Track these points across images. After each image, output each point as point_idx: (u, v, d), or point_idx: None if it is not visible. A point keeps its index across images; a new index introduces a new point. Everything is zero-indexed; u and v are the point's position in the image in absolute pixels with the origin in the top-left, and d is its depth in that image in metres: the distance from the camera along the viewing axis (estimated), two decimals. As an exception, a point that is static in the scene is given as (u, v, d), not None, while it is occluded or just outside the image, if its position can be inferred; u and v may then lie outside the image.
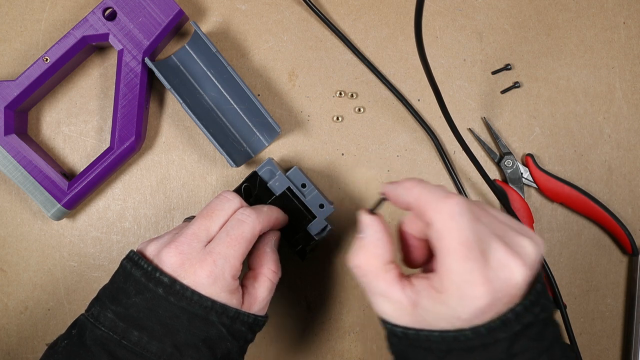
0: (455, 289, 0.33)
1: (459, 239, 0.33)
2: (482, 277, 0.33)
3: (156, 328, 0.40)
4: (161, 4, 0.51)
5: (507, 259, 0.33)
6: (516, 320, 0.34)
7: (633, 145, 0.57)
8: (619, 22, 0.57)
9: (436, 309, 0.34)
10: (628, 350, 0.56)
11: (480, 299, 0.33)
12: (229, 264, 0.41)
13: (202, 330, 0.40)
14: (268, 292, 0.45)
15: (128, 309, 0.40)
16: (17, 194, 0.55)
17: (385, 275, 0.36)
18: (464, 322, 0.34)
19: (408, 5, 0.56)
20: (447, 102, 0.52)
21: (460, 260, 0.33)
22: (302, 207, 0.50)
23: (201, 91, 0.54)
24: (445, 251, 0.33)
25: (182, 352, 0.40)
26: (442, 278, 0.34)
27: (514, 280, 0.33)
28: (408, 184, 0.36)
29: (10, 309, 0.55)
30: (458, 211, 0.33)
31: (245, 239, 0.42)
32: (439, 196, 0.34)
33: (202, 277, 0.41)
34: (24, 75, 0.50)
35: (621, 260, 0.57)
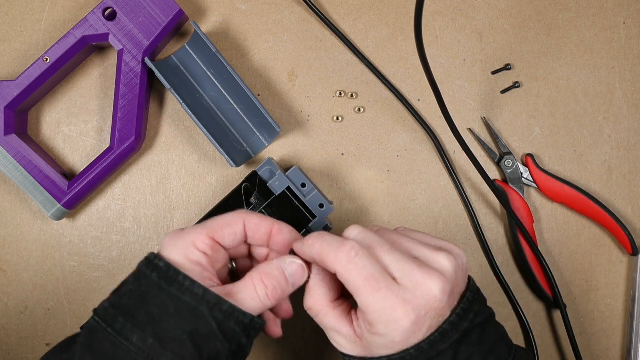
0: (379, 319, 0.36)
1: (362, 276, 0.36)
2: (398, 300, 0.36)
3: (141, 316, 0.36)
4: (161, 4, 0.51)
5: (421, 277, 0.37)
6: (453, 329, 0.37)
7: (633, 145, 0.57)
8: (619, 22, 0.57)
9: (374, 340, 0.37)
10: (628, 350, 0.56)
11: (404, 320, 0.36)
12: (194, 230, 0.39)
13: (189, 322, 0.36)
14: (250, 299, 0.39)
15: (122, 297, 0.38)
16: (17, 194, 0.55)
17: (334, 312, 0.40)
18: (400, 343, 0.37)
19: (408, 5, 0.56)
20: (447, 102, 0.52)
21: (372, 293, 0.36)
22: (302, 207, 0.50)
23: (201, 91, 0.54)
24: (356, 291, 0.37)
25: (164, 345, 0.36)
26: (366, 313, 0.37)
27: (431, 294, 0.36)
28: (310, 241, 0.39)
29: (10, 309, 0.55)
30: (354, 254, 0.36)
31: (222, 218, 0.40)
32: (335, 247, 0.37)
33: (165, 239, 0.39)
34: (24, 75, 0.50)
35: (621, 260, 0.57)
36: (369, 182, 0.56)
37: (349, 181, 0.56)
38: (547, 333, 0.57)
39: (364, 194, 0.56)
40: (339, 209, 0.56)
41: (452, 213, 0.56)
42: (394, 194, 0.56)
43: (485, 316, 0.40)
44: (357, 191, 0.56)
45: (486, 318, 0.40)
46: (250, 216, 0.41)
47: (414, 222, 0.56)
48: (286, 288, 0.40)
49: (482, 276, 0.56)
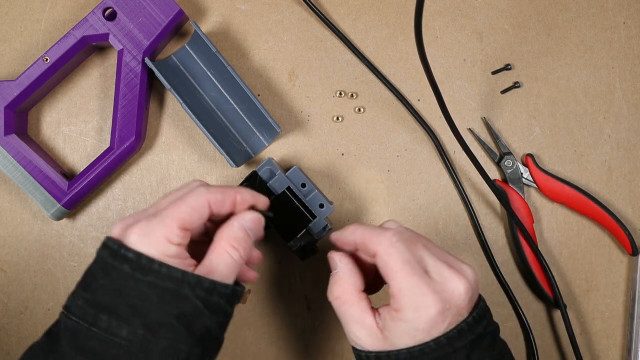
0: (409, 303, 0.39)
1: (401, 259, 0.39)
2: (428, 289, 0.39)
3: (124, 310, 0.36)
4: (161, 4, 0.51)
5: (449, 273, 0.40)
6: (469, 330, 0.39)
7: (633, 145, 0.57)
8: (619, 22, 0.57)
9: (398, 327, 0.39)
10: (628, 350, 0.56)
11: (432, 307, 0.38)
12: (162, 223, 0.38)
13: (175, 307, 0.37)
14: (226, 266, 0.40)
15: (96, 293, 0.37)
16: (17, 194, 0.55)
17: (360, 303, 0.41)
18: (423, 332, 0.39)
19: (408, 5, 0.56)
20: (447, 102, 0.52)
21: (407, 276, 0.39)
22: (302, 207, 0.50)
23: (201, 91, 0.54)
24: (392, 273, 0.39)
25: (155, 333, 0.36)
26: (396, 297, 0.39)
27: (457, 291, 0.39)
28: (352, 228, 0.43)
29: (10, 309, 0.55)
30: (395, 240, 0.40)
31: (186, 203, 0.39)
32: (378, 232, 0.41)
33: (132, 235, 0.38)
34: (24, 75, 0.50)
35: (621, 260, 0.57)
36: (369, 182, 0.56)
37: (349, 181, 0.56)
38: (547, 333, 0.57)
39: (364, 194, 0.56)
40: (339, 209, 0.56)
41: (452, 213, 0.56)
42: (394, 194, 0.56)
43: (494, 326, 0.42)
44: (357, 191, 0.56)
45: (496, 328, 0.43)
46: (213, 194, 0.41)
47: (414, 222, 0.56)
48: (250, 242, 0.42)
49: (482, 276, 0.56)
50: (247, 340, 0.55)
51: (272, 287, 0.56)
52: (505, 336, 0.56)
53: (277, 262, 0.56)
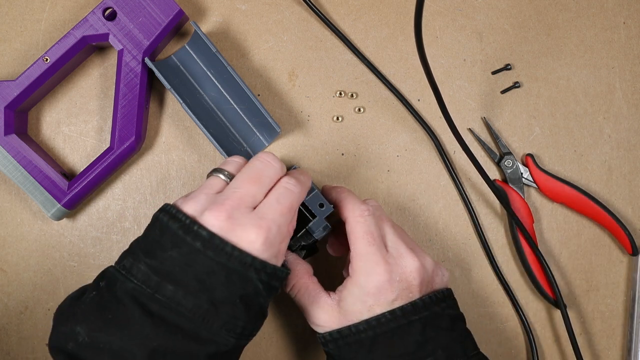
0: (362, 267, 0.44)
1: (365, 230, 0.44)
2: (382, 259, 0.44)
3: (192, 283, 0.38)
4: (161, 4, 0.51)
5: (404, 251, 0.45)
6: (424, 307, 0.44)
7: (633, 145, 0.57)
8: (619, 22, 0.57)
9: (351, 291, 0.44)
10: (628, 350, 0.56)
11: (381, 275, 0.43)
12: (281, 232, 0.41)
13: (240, 288, 0.39)
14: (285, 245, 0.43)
15: (163, 262, 0.39)
16: (17, 194, 0.55)
17: (314, 286, 0.46)
18: (373, 297, 0.43)
19: (408, 5, 0.56)
20: (447, 102, 0.52)
21: (365, 245, 0.44)
22: (301, 207, 0.50)
23: (201, 91, 0.54)
24: (354, 240, 0.45)
25: (218, 309, 0.39)
26: (353, 262, 0.44)
27: (408, 267, 0.44)
28: (339, 189, 0.49)
29: (10, 309, 0.55)
30: (367, 214, 0.45)
31: (294, 209, 0.43)
32: (355, 202, 0.46)
33: (258, 244, 0.40)
34: (24, 75, 0.50)
35: (621, 260, 0.57)
36: (369, 182, 0.56)
37: (349, 181, 0.56)
38: (547, 333, 0.57)
39: (364, 194, 0.56)
40: (339, 209, 0.56)
41: (452, 213, 0.56)
42: (394, 194, 0.56)
43: (456, 312, 0.47)
44: (357, 191, 0.56)
45: (457, 314, 0.47)
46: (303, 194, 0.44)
47: (414, 222, 0.56)
48: None
49: (482, 276, 0.56)
50: (247, 340, 0.55)
51: (272, 287, 0.56)
52: (506, 336, 0.56)
53: (277, 262, 0.56)
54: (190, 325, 0.38)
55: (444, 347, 0.44)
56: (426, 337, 0.43)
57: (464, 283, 0.56)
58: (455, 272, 0.56)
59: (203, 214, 0.40)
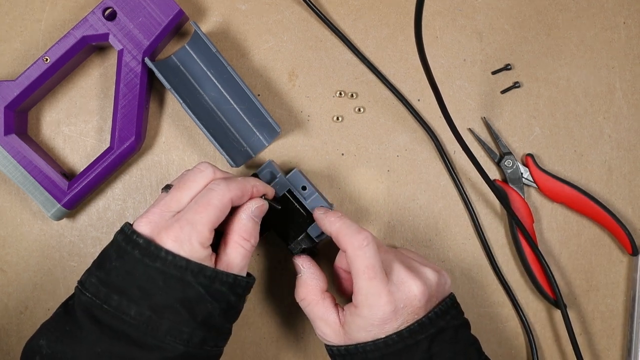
0: (365, 302, 0.43)
1: (365, 263, 0.44)
2: (384, 290, 0.43)
3: (134, 291, 0.40)
4: (161, 4, 0.51)
5: (406, 277, 0.44)
6: (431, 324, 0.44)
7: (633, 145, 0.57)
8: (619, 22, 0.57)
9: (355, 322, 0.44)
10: (628, 350, 0.56)
11: (385, 307, 0.43)
12: (196, 230, 0.41)
13: (179, 291, 0.40)
14: (241, 258, 0.43)
15: (109, 273, 0.41)
16: (17, 194, 0.55)
17: (324, 302, 0.47)
18: (377, 328, 0.43)
19: (408, 5, 0.56)
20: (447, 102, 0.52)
21: (367, 280, 0.43)
22: (302, 210, 0.50)
23: (201, 91, 0.54)
24: (355, 273, 0.44)
25: (160, 315, 0.40)
26: (356, 295, 0.44)
27: (412, 293, 0.44)
28: (333, 218, 0.47)
29: (10, 309, 0.55)
30: (365, 243, 0.44)
31: (214, 206, 0.42)
32: (353, 231, 0.45)
33: (168, 242, 0.41)
34: (24, 75, 0.50)
35: (621, 260, 0.57)
36: (369, 182, 0.56)
37: (349, 181, 0.56)
38: (547, 333, 0.57)
39: (364, 194, 0.56)
40: (339, 209, 0.56)
41: (452, 213, 0.56)
42: (394, 194, 0.56)
43: (460, 321, 0.47)
44: (357, 191, 0.56)
45: (461, 323, 0.47)
46: (234, 192, 0.43)
47: (414, 222, 0.56)
48: (258, 228, 0.45)
49: (482, 276, 0.56)
50: (247, 340, 0.55)
51: (272, 287, 0.56)
52: (506, 336, 0.56)
53: (277, 262, 0.56)
54: (136, 332, 0.40)
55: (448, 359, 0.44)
56: (431, 354, 0.44)
57: (464, 283, 0.56)
58: (455, 272, 0.56)
59: (134, 224, 0.42)
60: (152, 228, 0.42)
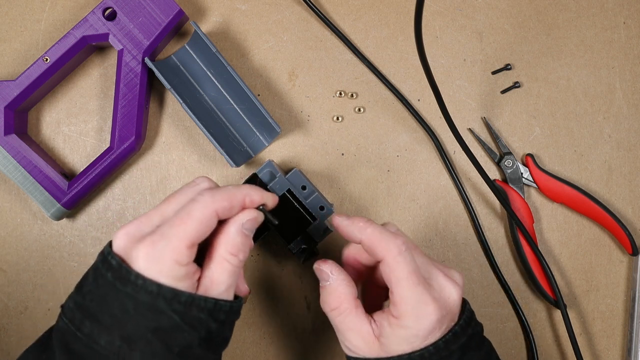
0: (411, 311, 0.39)
1: (408, 269, 0.40)
2: (430, 297, 0.40)
3: (105, 318, 0.36)
4: (161, 4, 0.51)
5: (445, 281, 0.41)
6: (462, 333, 0.41)
7: (633, 145, 0.57)
8: (619, 22, 0.57)
9: (397, 333, 0.40)
10: (628, 350, 0.56)
11: (433, 315, 0.39)
12: (171, 245, 0.36)
13: (151, 320, 0.36)
14: (227, 275, 0.38)
15: (85, 297, 0.37)
16: (17, 194, 0.55)
17: (357, 311, 0.42)
18: (421, 339, 0.39)
19: (408, 5, 0.56)
20: (447, 102, 0.52)
21: (412, 286, 0.39)
22: (302, 210, 0.50)
23: (201, 91, 0.54)
24: (396, 281, 0.40)
25: (132, 345, 0.36)
26: (398, 305, 0.40)
27: (452, 297, 0.41)
28: (361, 223, 0.42)
29: (10, 309, 0.55)
30: (404, 249, 0.40)
31: (194, 219, 0.37)
32: (387, 237, 0.40)
33: (139, 260, 0.36)
34: (24, 75, 0.50)
35: (621, 260, 0.57)
36: (369, 182, 0.56)
37: (349, 181, 0.56)
38: (547, 333, 0.57)
39: (364, 194, 0.56)
40: (339, 209, 0.56)
41: (452, 213, 0.56)
42: (394, 194, 0.56)
43: (480, 327, 0.44)
44: (357, 191, 0.56)
45: (481, 328, 0.44)
46: (219, 202, 0.38)
47: (414, 222, 0.56)
48: (249, 242, 0.40)
49: (482, 276, 0.56)
50: (247, 340, 0.56)
51: (272, 287, 0.56)
52: (506, 336, 0.56)
53: (277, 262, 0.56)
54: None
55: None
56: None
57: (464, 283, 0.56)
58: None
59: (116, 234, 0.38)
60: (127, 241, 0.37)
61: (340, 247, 0.56)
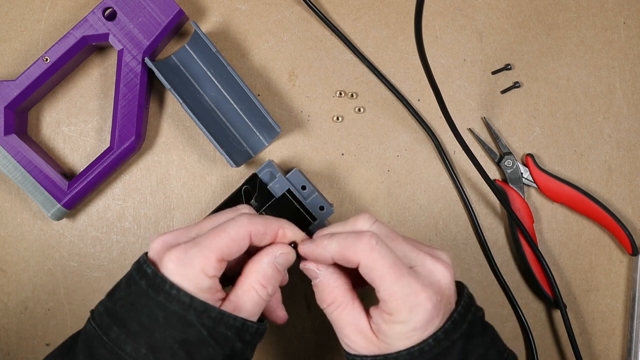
0: (402, 305, 0.37)
1: (387, 263, 0.37)
2: (419, 285, 0.37)
3: (134, 326, 0.37)
4: (161, 4, 0.51)
5: (433, 265, 0.39)
6: (461, 320, 0.39)
7: (633, 145, 0.57)
8: (619, 22, 0.57)
9: (394, 330, 0.38)
10: (628, 350, 0.56)
11: (426, 303, 0.37)
12: (201, 254, 0.37)
13: (179, 331, 0.36)
14: (252, 304, 0.39)
15: (115, 303, 0.38)
16: (17, 194, 0.55)
17: (354, 304, 0.40)
18: (420, 330, 0.37)
19: (408, 5, 0.56)
20: (447, 102, 0.52)
21: (395, 280, 0.37)
22: (302, 210, 0.50)
23: (201, 91, 0.54)
24: (379, 279, 0.37)
25: (157, 355, 0.36)
26: (388, 302, 0.38)
27: (443, 280, 0.39)
28: (324, 242, 0.39)
29: (10, 309, 0.55)
30: (374, 242, 0.38)
31: (228, 235, 0.38)
32: (354, 239, 0.38)
33: (169, 263, 0.37)
34: (24, 75, 0.50)
35: (621, 260, 0.57)
36: (369, 182, 0.56)
37: (349, 181, 0.56)
38: (547, 333, 0.57)
39: (364, 194, 0.56)
40: (339, 209, 0.56)
41: (452, 213, 0.56)
42: (394, 194, 0.56)
43: (482, 311, 0.42)
44: (357, 191, 0.56)
45: (482, 313, 0.42)
46: (255, 226, 0.39)
47: (414, 222, 0.56)
48: (281, 278, 0.41)
49: (482, 276, 0.56)
50: (247, 340, 0.55)
51: (272, 287, 0.56)
52: (506, 336, 0.56)
53: (277, 262, 0.56)
54: None
55: (481, 356, 0.39)
56: (466, 353, 0.39)
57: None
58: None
59: (153, 240, 0.39)
60: (162, 248, 0.38)
61: (340, 247, 0.56)
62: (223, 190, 0.55)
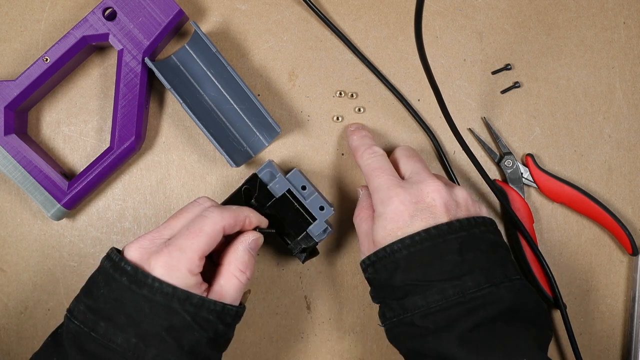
0: (378, 199, 0.46)
1: (373, 166, 0.47)
2: (393, 184, 0.45)
3: (121, 319, 0.40)
4: (161, 4, 0.51)
5: (426, 176, 0.46)
6: (461, 228, 0.43)
7: (633, 145, 0.57)
8: (619, 22, 0.57)
9: (377, 224, 0.45)
10: (628, 350, 0.56)
11: (395, 198, 0.44)
12: (185, 256, 0.41)
13: (165, 319, 0.40)
14: (234, 289, 0.43)
15: (97, 301, 0.41)
16: (17, 194, 0.55)
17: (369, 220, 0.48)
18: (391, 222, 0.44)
19: (408, 5, 0.56)
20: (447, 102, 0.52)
21: (376, 178, 0.46)
22: (302, 210, 0.50)
23: (201, 91, 0.54)
24: (368, 180, 0.47)
25: (147, 343, 0.39)
26: (372, 197, 0.47)
27: (426, 189, 0.45)
28: (354, 136, 0.52)
29: (10, 309, 0.55)
30: (371, 153, 0.48)
31: (205, 233, 0.42)
32: (365, 146, 0.50)
33: (157, 268, 0.40)
34: (24, 75, 0.50)
35: (621, 260, 0.57)
36: (369, 182, 0.56)
37: (349, 181, 0.56)
38: (547, 333, 0.57)
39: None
40: (338, 209, 0.56)
41: (452, 213, 0.56)
42: (394, 194, 0.56)
43: (498, 239, 0.46)
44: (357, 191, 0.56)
45: (499, 241, 0.46)
46: (227, 220, 0.43)
47: (414, 222, 0.56)
48: (254, 262, 0.45)
49: (482, 276, 0.56)
50: (247, 340, 0.56)
51: (272, 287, 0.56)
52: (505, 336, 0.56)
53: (277, 263, 0.56)
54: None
55: (482, 267, 0.43)
56: (464, 258, 0.42)
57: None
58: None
59: (124, 250, 0.42)
60: (142, 253, 0.41)
61: (340, 247, 0.56)
62: (223, 190, 0.55)
